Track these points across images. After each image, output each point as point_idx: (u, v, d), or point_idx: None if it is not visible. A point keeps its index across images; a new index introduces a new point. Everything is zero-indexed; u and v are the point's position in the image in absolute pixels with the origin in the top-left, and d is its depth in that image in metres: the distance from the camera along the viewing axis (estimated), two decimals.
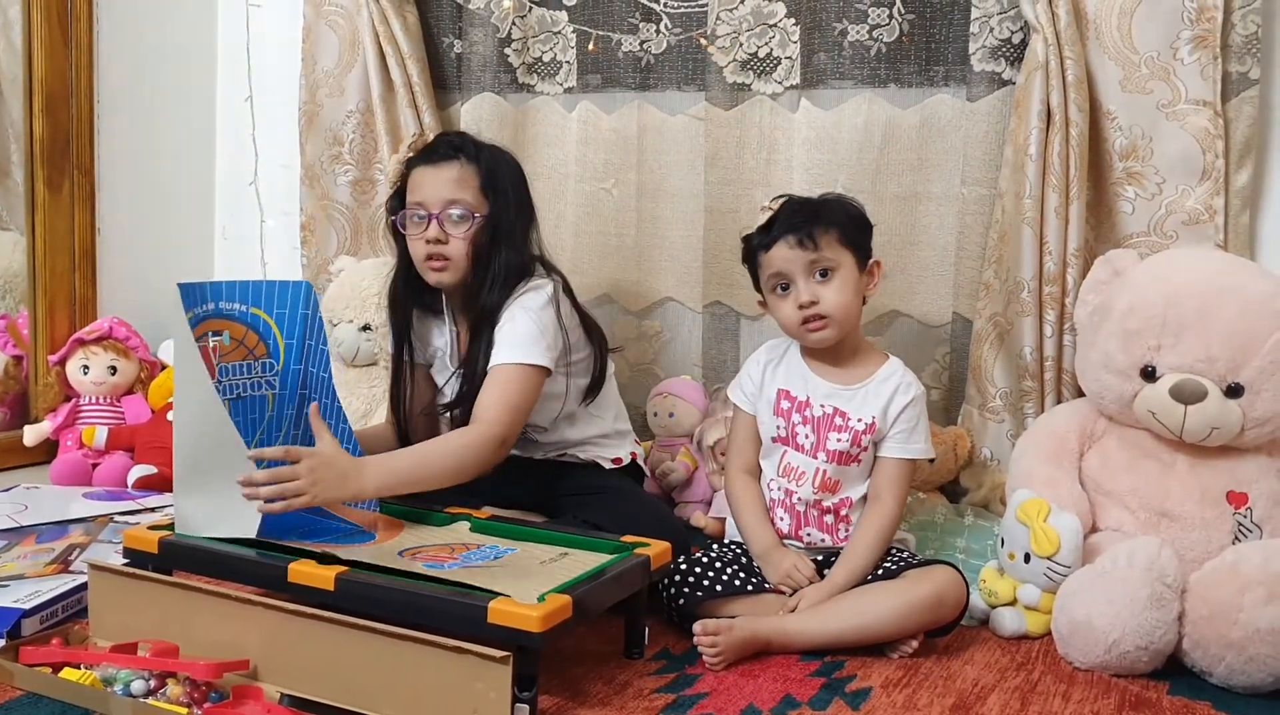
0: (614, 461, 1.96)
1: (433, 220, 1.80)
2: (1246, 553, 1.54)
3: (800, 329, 1.69)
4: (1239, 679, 1.47)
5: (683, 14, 2.40)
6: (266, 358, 1.66)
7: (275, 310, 1.68)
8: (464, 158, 1.82)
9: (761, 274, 1.73)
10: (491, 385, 1.74)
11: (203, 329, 1.61)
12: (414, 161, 1.87)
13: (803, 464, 1.71)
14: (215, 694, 1.30)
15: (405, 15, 2.55)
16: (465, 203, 1.80)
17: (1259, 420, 1.68)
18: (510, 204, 1.83)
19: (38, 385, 2.51)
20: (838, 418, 1.70)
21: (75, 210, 2.58)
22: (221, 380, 1.60)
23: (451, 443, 1.71)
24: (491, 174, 1.82)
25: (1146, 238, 2.03)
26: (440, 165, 1.82)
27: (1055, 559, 1.61)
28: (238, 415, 1.61)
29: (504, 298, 1.79)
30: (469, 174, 1.81)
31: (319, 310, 1.70)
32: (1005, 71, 2.14)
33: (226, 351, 1.63)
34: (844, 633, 1.55)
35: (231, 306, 1.65)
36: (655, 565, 1.50)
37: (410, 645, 1.24)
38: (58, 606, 1.55)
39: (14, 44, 2.51)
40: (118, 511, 2.04)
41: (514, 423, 1.73)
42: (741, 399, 1.80)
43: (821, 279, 1.67)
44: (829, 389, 1.72)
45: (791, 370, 1.76)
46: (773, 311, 1.74)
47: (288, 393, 1.67)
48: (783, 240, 1.68)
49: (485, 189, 1.81)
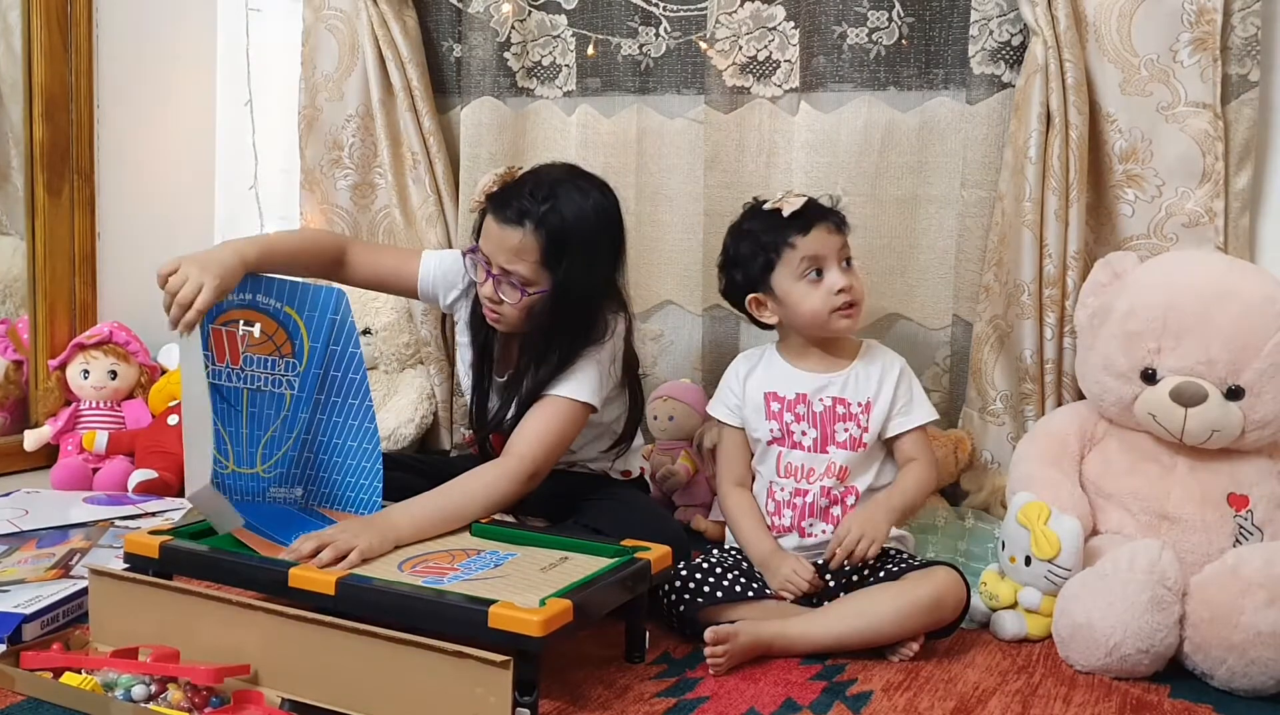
0: (623, 474, 1.96)
1: (490, 277, 1.72)
2: (1247, 556, 1.54)
3: (830, 316, 1.70)
4: (1240, 682, 1.47)
5: (682, 17, 2.40)
6: (291, 357, 1.69)
7: (306, 312, 1.70)
8: (529, 224, 1.67)
9: (785, 262, 1.72)
10: (537, 415, 1.71)
11: (235, 315, 1.64)
12: (491, 202, 1.73)
13: (809, 461, 1.71)
14: (216, 699, 1.30)
15: (405, 19, 2.55)
16: (520, 275, 1.69)
17: (1260, 422, 1.68)
18: (580, 273, 1.70)
19: (38, 390, 2.52)
20: (839, 407, 1.72)
21: (75, 215, 2.58)
22: (245, 369, 1.64)
23: (482, 480, 1.66)
24: (559, 245, 1.68)
25: (1146, 240, 2.03)
26: (505, 227, 1.69)
27: (1056, 562, 1.61)
28: (252, 406, 1.65)
29: (567, 360, 1.73)
30: (529, 245, 1.67)
31: (350, 315, 1.72)
32: (1005, 74, 2.14)
33: (256, 343, 1.66)
34: (845, 635, 1.55)
35: (268, 301, 1.69)
36: (656, 569, 1.50)
37: (411, 650, 1.24)
38: (58, 611, 1.55)
39: (14, 49, 2.51)
40: (118, 516, 2.04)
41: (548, 460, 1.70)
42: (725, 413, 1.80)
43: (849, 268, 1.72)
44: (820, 381, 1.74)
45: (774, 372, 1.77)
46: (795, 300, 1.72)
47: (305, 396, 1.70)
48: (821, 225, 1.71)
49: (547, 262, 1.68)
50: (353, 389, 1.72)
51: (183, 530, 1.55)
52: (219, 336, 1.63)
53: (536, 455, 1.68)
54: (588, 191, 1.74)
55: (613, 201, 1.78)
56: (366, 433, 1.72)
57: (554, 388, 1.72)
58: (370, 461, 1.73)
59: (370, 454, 1.73)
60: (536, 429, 1.69)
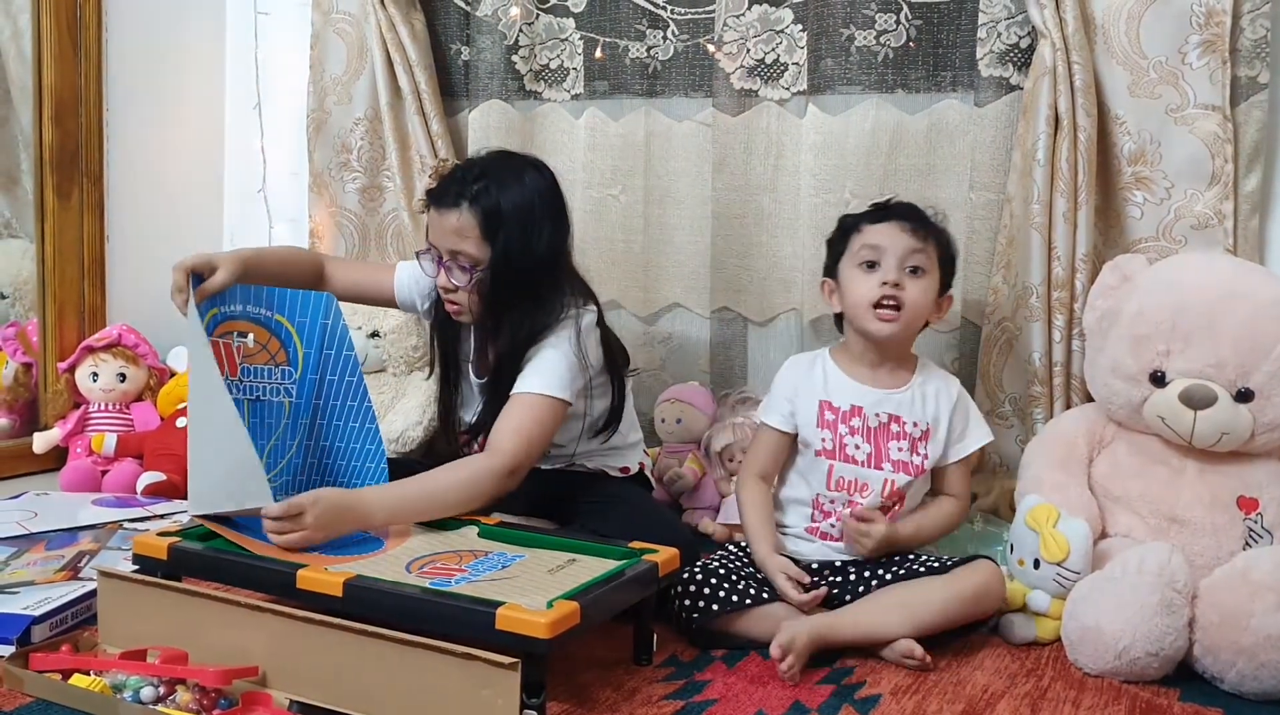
0: (621, 470, 1.95)
1: (441, 267, 1.76)
2: (1257, 559, 1.54)
3: (870, 310, 1.69)
4: (1250, 685, 1.47)
5: (690, 20, 2.41)
6: (286, 365, 1.69)
7: (298, 318, 1.71)
8: (465, 203, 1.72)
9: (850, 247, 1.73)
10: (511, 413, 1.72)
11: (230, 327, 1.65)
12: (430, 195, 1.79)
13: (862, 476, 1.71)
14: (224, 700, 1.30)
15: (413, 22, 2.55)
16: (466, 254, 1.73)
17: (1269, 425, 1.68)
18: (519, 245, 1.73)
19: (47, 392, 2.52)
20: (894, 425, 1.71)
21: (84, 218, 2.59)
22: (243, 380, 1.65)
23: (462, 471, 1.67)
24: (491, 218, 1.72)
25: (1155, 242, 2.02)
26: (444, 212, 1.74)
27: (1065, 565, 1.61)
28: (255, 417, 1.65)
29: (529, 338, 1.75)
30: (468, 222, 1.72)
31: (340, 319, 1.74)
32: (1013, 77, 2.14)
33: (250, 353, 1.67)
34: (894, 625, 1.55)
35: (259, 310, 1.70)
36: (663, 571, 1.50)
37: (418, 651, 1.24)
38: (67, 613, 1.55)
39: (24, 53, 2.52)
40: (127, 518, 2.04)
41: (529, 454, 1.70)
42: (779, 421, 1.77)
43: (913, 275, 1.70)
44: (877, 396, 1.73)
45: (830, 381, 1.75)
46: (845, 288, 1.73)
47: (303, 402, 1.70)
48: (896, 221, 1.71)
49: (486, 236, 1.72)
50: (350, 391, 1.72)
51: (191, 532, 1.55)
52: (215, 350, 1.63)
53: (517, 450, 1.68)
54: (519, 169, 1.79)
55: (548, 176, 1.82)
56: (368, 433, 1.73)
57: (522, 385, 1.73)
58: (374, 462, 1.74)
59: (373, 454, 1.74)
60: (513, 425, 1.70)
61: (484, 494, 1.66)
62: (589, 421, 1.87)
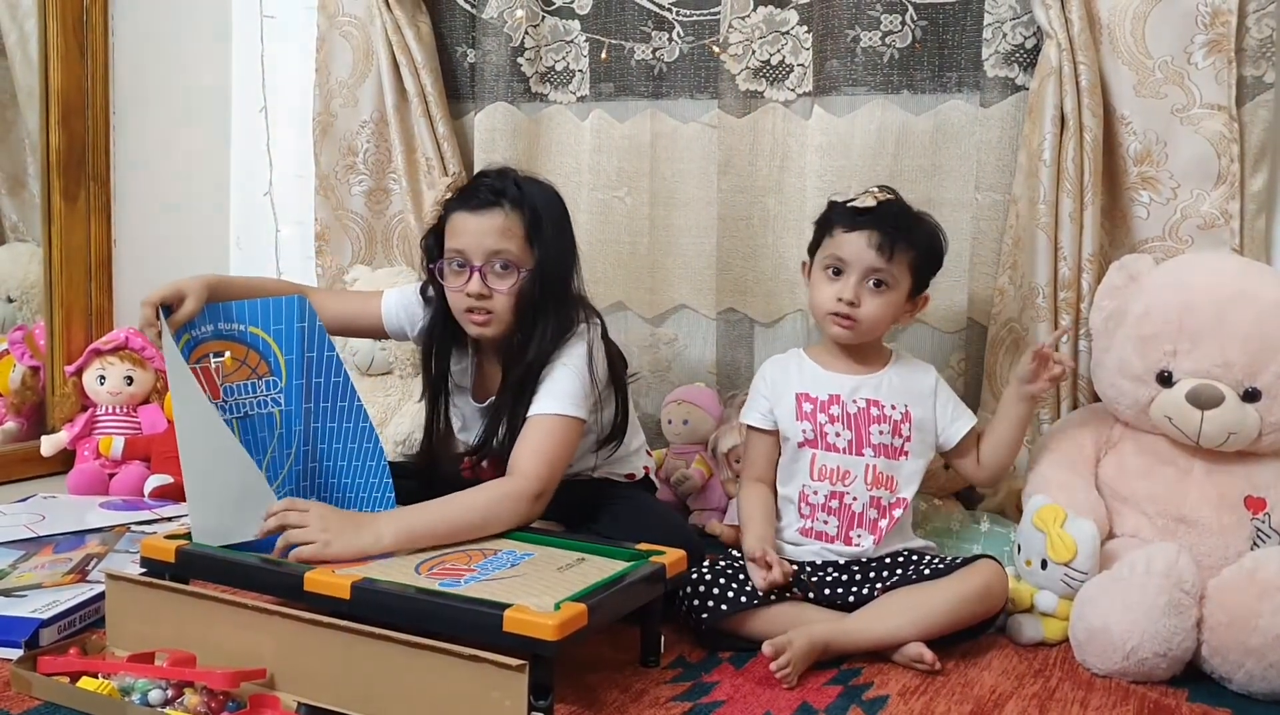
0: (626, 477, 1.95)
1: (474, 272, 1.68)
2: (1265, 559, 1.53)
3: (826, 317, 1.73)
4: (1259, 685, 1.46)
5: (695, 22, 2.41)
6: (270, 376, 1.68)
7: (273, 327, 1.69)
8: (508, 203, 1.68)
9: (824, 247, 1.75)
10: (531, 435, 1.66)
11: (203, 350, 1.63)
12: (452, 204, 1.72)
13: (844, 463, 1.71)
14: (233, 703, 1.30)
15: (419, 25, 2.56)
16: (510, 254, 1.67)
17: (1277, 425, 1.67)
18: (557, 251, 1.71)
19: (54, 396, 2.53)
20: (873, 409, 1.72)
21: (91, 221, 2.59)
22: (227, 400, 1.63)
23: (484, 496, 1.60)
24: (537, 221, 1.69)
25: (1161, 242, 2.02)
26: (482, 213, 1.68)
27: (1072, 565, 1.61)
28: (246, 434, 1.64)
29: (550, 352, 1.70)
30: (514, 223, 1.68)
31: (316, 320, 1.71)
32: (1019, 77, 2.14)
33: (230, 372, 1.65)
34: (902, 629, 1.54)
35: (230, 327, 1.67)
36: (671, 573, 1.50)
37: (426, 654, 1.24)
38: (75, 616, 1.56)
39: (30, 56, 2.53)
40: (134, 521, 2.04)
41: (552, 477, 1.65)
42: (758, 419, 1.79)
43: (874, 289, 1.70)
44: (854, 382, 1.74)
45: (805, 374, 1.78)
46: (812, 285, 1.77)
47: (294, 409, 1.69)
48: (865, 233, 1.69)
49: (531, 238, 1.69)
50: (339, 391, 1.70)
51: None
52: (195, 376, 1.62)
53: (541, 473, 1.62)
54: (538, 180, 1.77)
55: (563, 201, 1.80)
56: (364, 432, 1.71)
57: (538, 406, 1.67)
58: (374, 460, 1.72)
59: (372, 452, 1.72)
60: (535, 447, 1.64)
61: (507, 518, 1.60)
62: (597, 435, 1.85)
